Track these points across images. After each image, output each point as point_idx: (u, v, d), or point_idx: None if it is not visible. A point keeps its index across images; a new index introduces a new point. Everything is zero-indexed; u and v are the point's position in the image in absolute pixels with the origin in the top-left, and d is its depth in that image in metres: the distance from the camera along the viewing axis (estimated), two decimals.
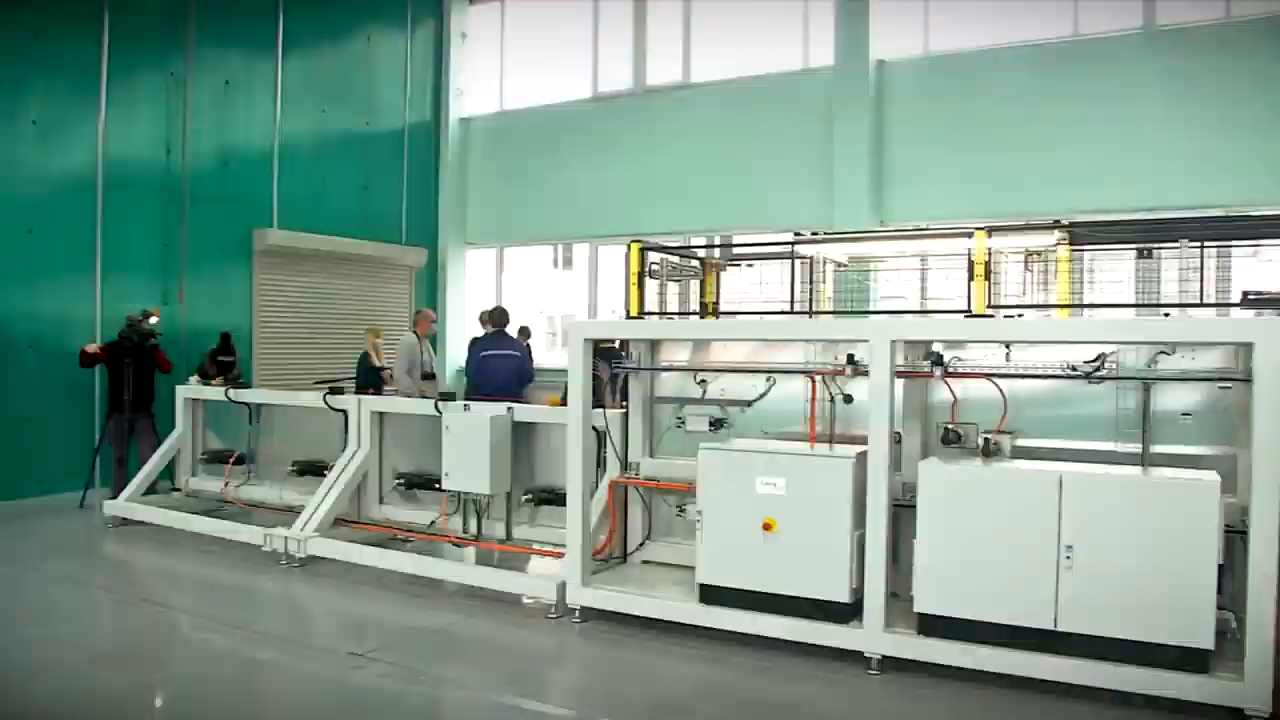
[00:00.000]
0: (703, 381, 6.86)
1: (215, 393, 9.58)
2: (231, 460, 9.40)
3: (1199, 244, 6.40)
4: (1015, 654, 5.08)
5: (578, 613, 6.35)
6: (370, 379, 11.75)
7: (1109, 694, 4.94)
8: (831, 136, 13.06)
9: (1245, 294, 6.07)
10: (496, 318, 10.62)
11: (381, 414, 8.52)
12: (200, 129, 12.26)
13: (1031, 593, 5.07)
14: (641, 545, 7.07)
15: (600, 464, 7.00)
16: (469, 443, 7.29)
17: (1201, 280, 6.48)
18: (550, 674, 5.88)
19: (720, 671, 5.52)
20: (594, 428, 6.67)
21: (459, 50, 16.55)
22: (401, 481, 8.31)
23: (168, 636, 6.41)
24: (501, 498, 7.58)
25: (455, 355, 15.22)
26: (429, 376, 11.34)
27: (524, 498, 7.55)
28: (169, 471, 9.90)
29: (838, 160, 12.94)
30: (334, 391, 8.65)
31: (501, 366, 10.23)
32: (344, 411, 8.51)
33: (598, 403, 6.61)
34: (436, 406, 7.81)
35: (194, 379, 10.08)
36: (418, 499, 8.35)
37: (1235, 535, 5.00)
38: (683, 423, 6.87)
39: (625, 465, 7.02)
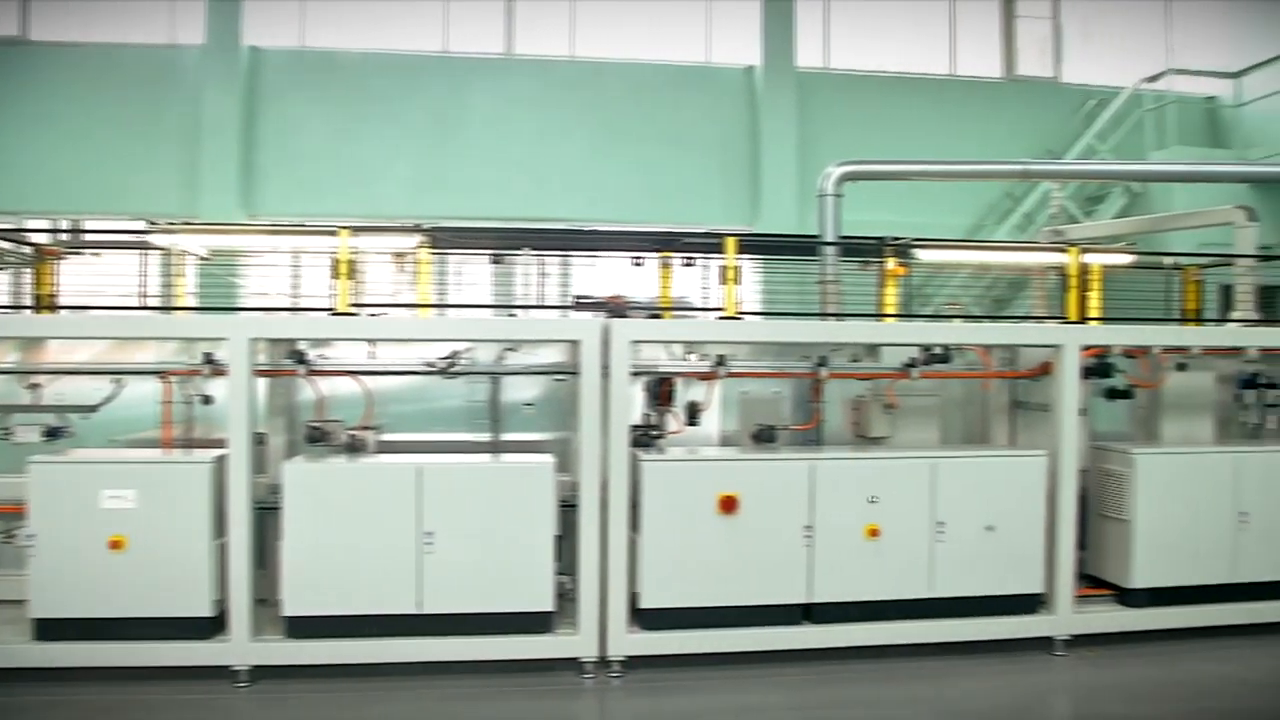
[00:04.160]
0: (35, 386, 6.02)
1: None
2: None
3: (540, 253, 7.21)
4: (381, 642, 5.28)
5: None
6: None
7: (473, 665, 5.35)
8: (200, 122, 12.27)
9: (577, 298, 6.91)
10: None
11: None
12: None
13: (397, 581, 5.30)
14: None
15: None
16: None
17: (541, 285, 7.30)
18: None
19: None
20: None
21: None
22: None
23: None
24: None
25: None
26: None
27: None
28: None
29: (205, 147, 12.22)
30: None
31: None
32: None
33: None
34: None
35: None
36: None
37: (570, 508, 5.70)
38: (9, 434, 5.93)
39: None
